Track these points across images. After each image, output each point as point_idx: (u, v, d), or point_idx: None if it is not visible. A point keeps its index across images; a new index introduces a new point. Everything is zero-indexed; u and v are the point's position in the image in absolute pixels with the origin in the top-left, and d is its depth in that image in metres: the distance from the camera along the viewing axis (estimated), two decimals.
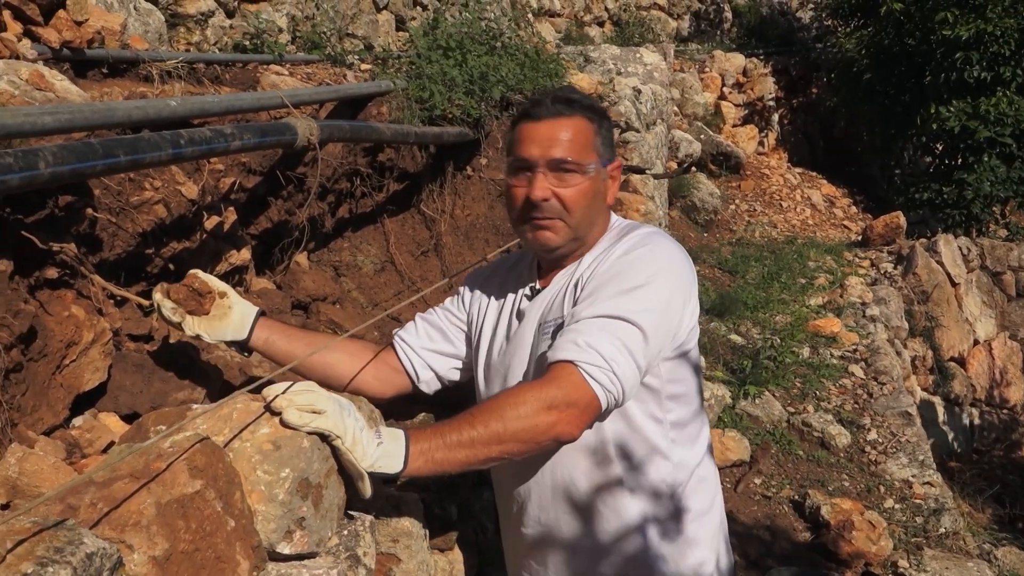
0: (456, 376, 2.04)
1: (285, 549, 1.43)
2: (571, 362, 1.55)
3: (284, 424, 1.41)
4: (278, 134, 2.67)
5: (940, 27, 9.73)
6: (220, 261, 2.98)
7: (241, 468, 1.40)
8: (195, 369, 2.21)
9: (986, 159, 9.82)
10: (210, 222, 2.90)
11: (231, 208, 3.04)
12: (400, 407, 2.17)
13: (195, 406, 1.60)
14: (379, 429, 1.51)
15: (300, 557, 1.47)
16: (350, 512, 1.69)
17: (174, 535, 1.15)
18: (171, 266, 2.69)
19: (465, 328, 2.00)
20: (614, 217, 1.85)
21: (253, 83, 3.46)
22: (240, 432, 1.45)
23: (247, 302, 1.96)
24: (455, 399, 2.10)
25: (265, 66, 3.65)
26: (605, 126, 1.76)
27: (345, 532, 1.63)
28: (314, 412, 1.41)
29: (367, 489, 1.49)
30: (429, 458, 1.49)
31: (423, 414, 2.26)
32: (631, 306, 1.58)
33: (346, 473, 1.51)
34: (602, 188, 1.75)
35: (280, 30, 4.19)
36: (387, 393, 2.01)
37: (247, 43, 3.88)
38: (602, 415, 1.63)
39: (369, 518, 1.71)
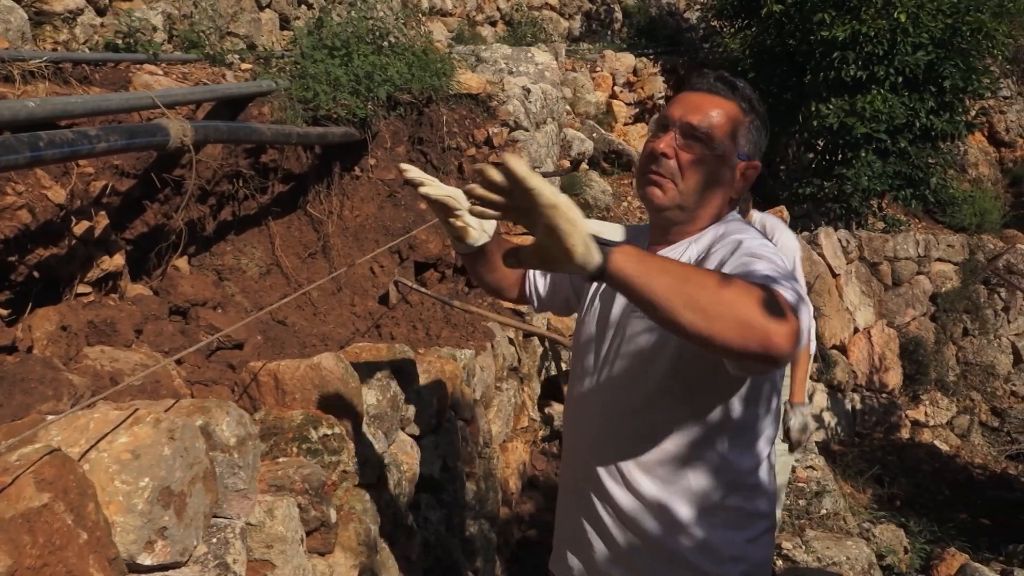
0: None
1: (146, 560, 1.40)
2: (774, 288, 1.37)
3: (508, 168, 1.21)
4: (148, 135, 2.60)
5: (818, 28, 10.07)
6: (91, 267, 2.89)
7: (98, 479, 1.37)
8: (61, 380, 2.13)
9: (863, 155, 10.19)
10: (80, 227, 2.81)
11: (103, 212, 2.95)
12: None
13: (49, 417, 1.55)
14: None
15: (163, 568, 1.44)
16: (220, 518, 1.67)
17: (18, 551, 1.12)
18: (36, 273, 2.59)
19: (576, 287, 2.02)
20: (734, 215, 1.81)
21: (125, 83, 3.35)
22: (97, 442, 1.41)
23: None
24: None
25: (138, 66, 3.54)
26: (756, 125, 1.74)
27: (214, 540, 1.61)
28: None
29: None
30: (641, 260, 1.31)
31: None
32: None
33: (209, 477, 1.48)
34: (725, 175, 1.71)
35: (155, 28, 4.06)
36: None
37: (120, 42, 3.76)
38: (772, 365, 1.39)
39: (240, 524, 1.69)
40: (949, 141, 10.90)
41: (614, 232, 1.48)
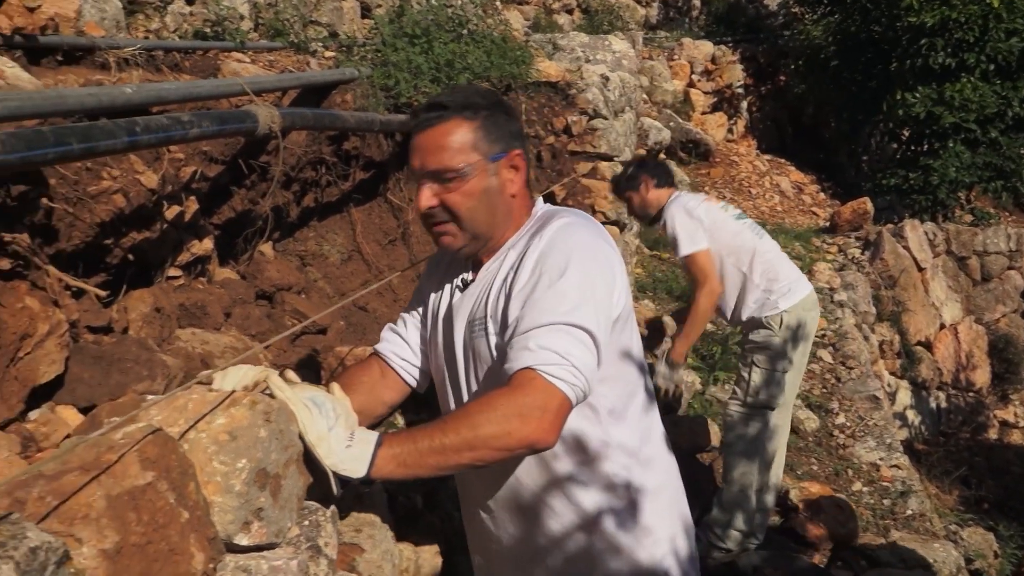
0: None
1: (243, 540, 1.40)
2: (530, 368, 1.52)
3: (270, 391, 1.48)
4: (238, 122, 2.63)
5: (906, 14, 9.79)
6: (182, 251, 2.94)
7: (197, 459, 1.38)
8: (156, 361, 2.17)
9: (951, 145, 9.89)
10: (171, 212, 2.86)
11: (192, 197, 3.00)
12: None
13: (149, 397, 1.57)
14: (354, 431, 1.50)
15: (259, 548, 1.45)
16: (312, 502, 1.67)
17: (125, 528, 1.13)
18: (131, 256, 2.65)
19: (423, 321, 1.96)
20: (539, 204, 1.82)
21: (214, 71, 3.41)
22: (196, 423, 1.43)
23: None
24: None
25: (226, 53, 3.60)
26: (491, 119, 1.69)
27: (306, 523, 1.61)
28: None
29: (334, 488, 1.52)
30: (400, 462, 1.49)
31: None
32: (569, 309, 1.56)
33: (316, 470, 1.51)
34: (495, 183, 1.70)
35: (241, 17, 4.12)
36: (396, 402, 2.00)
37: (208, 30, 3.82)
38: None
39: (331, 508, 1.69)
40: None
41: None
